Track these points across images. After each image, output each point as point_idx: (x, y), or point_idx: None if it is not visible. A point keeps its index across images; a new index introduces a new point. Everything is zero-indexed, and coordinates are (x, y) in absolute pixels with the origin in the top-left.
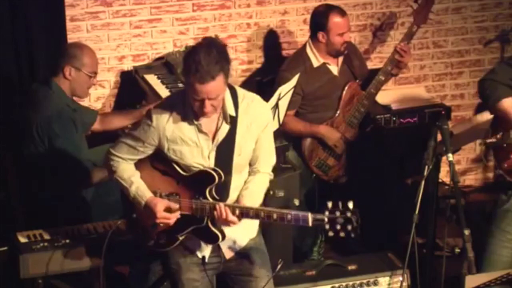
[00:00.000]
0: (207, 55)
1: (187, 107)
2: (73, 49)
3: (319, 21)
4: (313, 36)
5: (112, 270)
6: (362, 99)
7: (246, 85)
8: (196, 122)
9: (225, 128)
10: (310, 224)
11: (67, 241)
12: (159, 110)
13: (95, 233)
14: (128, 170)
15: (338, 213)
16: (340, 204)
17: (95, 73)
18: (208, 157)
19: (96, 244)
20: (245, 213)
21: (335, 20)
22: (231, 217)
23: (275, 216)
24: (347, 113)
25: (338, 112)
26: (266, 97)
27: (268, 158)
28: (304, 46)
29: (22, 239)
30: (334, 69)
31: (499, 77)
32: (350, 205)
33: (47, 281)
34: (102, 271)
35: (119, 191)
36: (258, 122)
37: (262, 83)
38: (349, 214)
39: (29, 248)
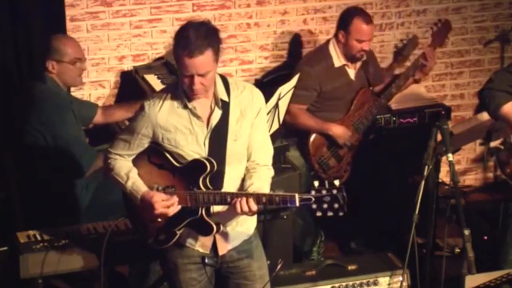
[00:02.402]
0: (196, 31)
1: (180, 93)
2: (52, 42)
3: (344, 19)
4: (336, 34)
5: (112, 270)
6: (372, 107)
7: None
8: (189, 106)
9: (217, 113)
10: (297, 204)
11: (67, 241)
12: (152, 99)
13: (95, 233)
14: (125, 167)
15: (324, 191)
16: (326, 183)
17: (79, 58)
18: (204, 144)
19: (96, 244)
20: None
21: (358, 25)
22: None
23: (264, 199)
24: (355, 118)
25: (348, 115)
26: (267, 97)
27: (264, 148)
28: (327, 43)
29: (22, 239)
30: (352, 72)
31: (497, 85)
32: (336, 182)
33: (47, 281)
34: (103, 271)
35: (119, 191)
36: (252, 107)
37: (262, 83)
38: (334, 191)
39: (29, 248)
